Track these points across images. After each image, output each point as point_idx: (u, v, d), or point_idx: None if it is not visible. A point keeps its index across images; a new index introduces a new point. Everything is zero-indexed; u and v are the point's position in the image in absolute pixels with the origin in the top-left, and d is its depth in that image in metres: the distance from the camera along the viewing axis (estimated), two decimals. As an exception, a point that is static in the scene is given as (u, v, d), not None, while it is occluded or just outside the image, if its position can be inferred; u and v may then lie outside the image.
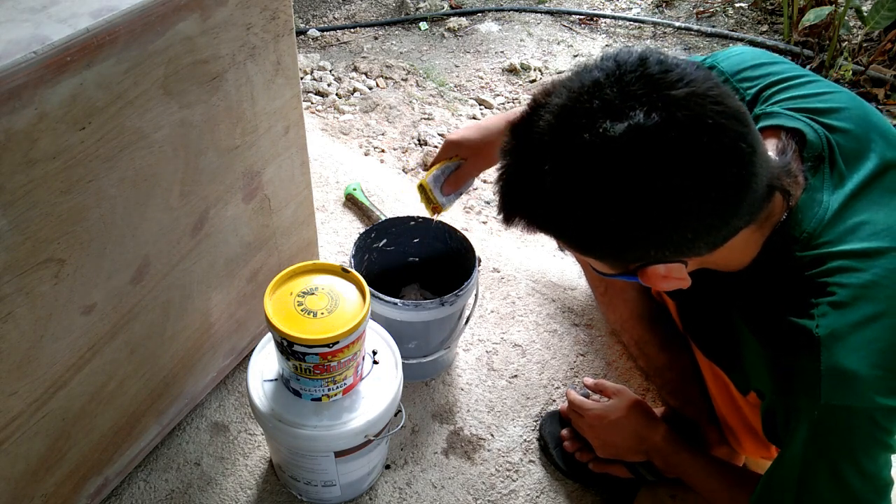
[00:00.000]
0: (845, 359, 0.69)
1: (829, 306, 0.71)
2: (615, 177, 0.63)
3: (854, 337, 0.70)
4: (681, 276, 0.73)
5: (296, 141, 1.13)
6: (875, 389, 0.69)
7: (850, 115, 0.80)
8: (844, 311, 0.71)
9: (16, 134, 0.69)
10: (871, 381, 0.69)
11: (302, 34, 2.46)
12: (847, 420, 0.71)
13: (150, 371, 1.04)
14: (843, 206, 0.75)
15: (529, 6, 2.62)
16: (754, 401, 0.90)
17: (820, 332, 0.71)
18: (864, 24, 2.05)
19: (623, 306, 1.09)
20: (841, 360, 0.69)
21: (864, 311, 0.70)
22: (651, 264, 0.71)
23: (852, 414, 0.70)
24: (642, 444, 1.07)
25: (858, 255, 0.72)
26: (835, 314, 0.71)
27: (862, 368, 0.69)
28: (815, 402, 0.71)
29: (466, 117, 2.11)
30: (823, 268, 0.73)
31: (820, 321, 0.71)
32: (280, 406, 0.98)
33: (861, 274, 0.71)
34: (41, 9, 0.74)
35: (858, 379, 0.69)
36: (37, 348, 0.83)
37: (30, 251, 0.76)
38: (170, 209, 0.94)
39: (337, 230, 1.62)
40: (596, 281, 1.05)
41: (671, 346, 1.12)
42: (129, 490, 1.13)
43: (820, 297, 0.72)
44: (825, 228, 0.74)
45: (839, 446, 0.72)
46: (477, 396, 1.29)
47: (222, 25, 0.88)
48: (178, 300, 1.03)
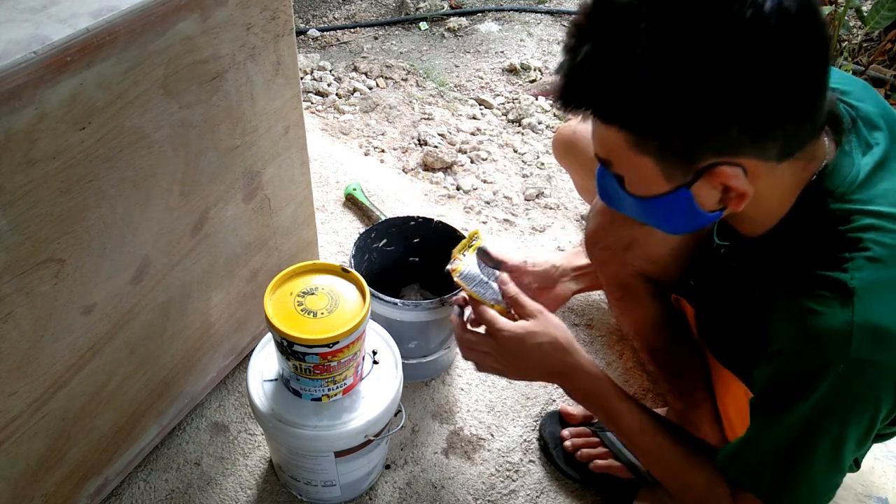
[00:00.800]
0: (880, 313, 0.67)
1: (864, 260, 0.68)
2: (719, 36, 0.60)
3: (890, 292, 0.67)
4: (740, 185, 0.68)
5: (296, 141, 1.13)
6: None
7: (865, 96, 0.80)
8: (880, 267, 0.68)
9: (16, 134, 0.69)
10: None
11: (302, 34, 2.46)
12: (872, 377, 0.67)
13: (150, 371, 1.04)
14: (873, 171, 0.73)
15: (529, 6, 2.62)
16: None
17: (855, 284, 0.68)
18: (864, 24, 2.05)
19: (640, 312, 1.06)
20: (875, 313, 0.67)
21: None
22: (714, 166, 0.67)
23: (879, 370, 0.67)
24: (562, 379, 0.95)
25: (892, 217, 0.70)
26: (871, 268, 0.68)
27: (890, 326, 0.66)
28: (843, 357, 0.67)
29: (466, 117, 2.11)
30: (858, 223, 0.70)
31: (855, 274, 0.68)
32: (280, 406, 0.98)
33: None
34: (41, 9, 0.74)
35: (892, 335, 0.66)
36: (37, 348, 0.83)
37: (30, 251, 0.76)
38: (170, 209, 0.94)
39: (337, 230, 1.62)
40: (613, 286, 1.03)
41: (684, 353, 1.10)
42: (129, 490, 1.13)
43: (854, 252, 0.69)
44: (858, 188, 0.72)
45: (855, 404, 0.69)
46: (477, 396, 1.29)
47: (222, 25, 0.88)
48: (178, 300, 1.03)
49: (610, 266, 0.98)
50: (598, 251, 0.98)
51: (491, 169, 1.91)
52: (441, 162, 1.88)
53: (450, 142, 1.99)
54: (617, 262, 0.96)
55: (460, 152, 1.95)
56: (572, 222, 1.75)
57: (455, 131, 2.04)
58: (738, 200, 0.70)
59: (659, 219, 0.78)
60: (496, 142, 2.02)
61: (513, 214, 1.76)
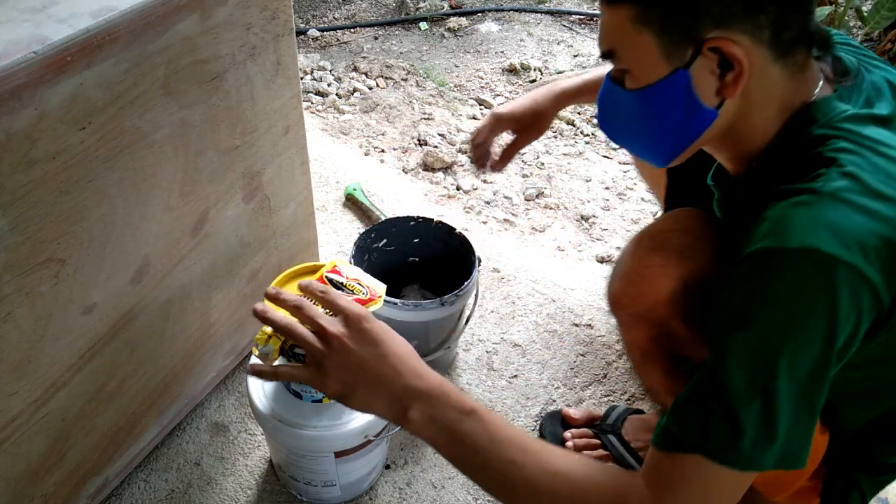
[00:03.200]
0: (846, 218, 0.63)
1: (837, 173, 0.65)
2: None
3: (860, 202, 0.63)
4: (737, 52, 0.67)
5: (296, 141, 1.13)
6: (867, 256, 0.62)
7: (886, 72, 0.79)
8: (851, 180, 0.65)
9: (16, 134, 0.69)
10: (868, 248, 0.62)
11: (302, 34, 2.46)
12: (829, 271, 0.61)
13: (150, 371, 1.04)
14: (865, 117, 0.71)
15: (529, 6, 2.62)
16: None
17: (824, 189, 0.65)
18: (864, 24, 2.05)
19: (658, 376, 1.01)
20: (840, 219, 0.63)
21: (873, 185, 0.64)
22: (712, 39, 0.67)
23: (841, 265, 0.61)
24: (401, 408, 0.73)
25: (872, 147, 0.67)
26: (842, 179, 0.65)
27: (862, 233, 0.62)
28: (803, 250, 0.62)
29: (466, 117, 2.11)
30: (837, 145, 0.68)
31: (826, 183, 0.65)
32: (280, 406, 0.98)
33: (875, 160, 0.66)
34: (41, 9, 0.74)
35: (856, 239, 0.62)
36: (37, 348, 0.83)
37: (30, 251, 0.76)
38: (170, 209, 0.94)
39: (337, 230, 1.62)
40: (633, 348, 1.00)
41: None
42: (129, 490, 1.13)
43: (829, 168, 0.66)
44: (845, 119, 0.70)
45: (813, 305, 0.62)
46: (477, 396, 1.29)
47: (222, 25, 0.88)
48: (178, 300, 1.03)
49: (634, 331, 0.97)
50: (620, 314, 0.97)
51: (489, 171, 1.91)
52: (441, 162, 1.88)
53: (450, 142, 1.99)
54: (643, 329, 0.94)
55: (460, 152, 1.95)
56: (572, 222, 1.75)
57: (455, 131, 2.04)
58: (734, 83, 0.69)
59: (657, 115, 0.75)
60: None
61: (513, 214, 1.76)
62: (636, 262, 0.93)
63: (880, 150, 0.68)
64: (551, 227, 1.73)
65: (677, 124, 0.75)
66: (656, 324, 0.92)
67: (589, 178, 1.90)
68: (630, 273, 0.93)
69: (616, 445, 1.14)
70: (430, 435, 0.72)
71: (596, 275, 1.56)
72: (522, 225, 1.73)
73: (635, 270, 0.92)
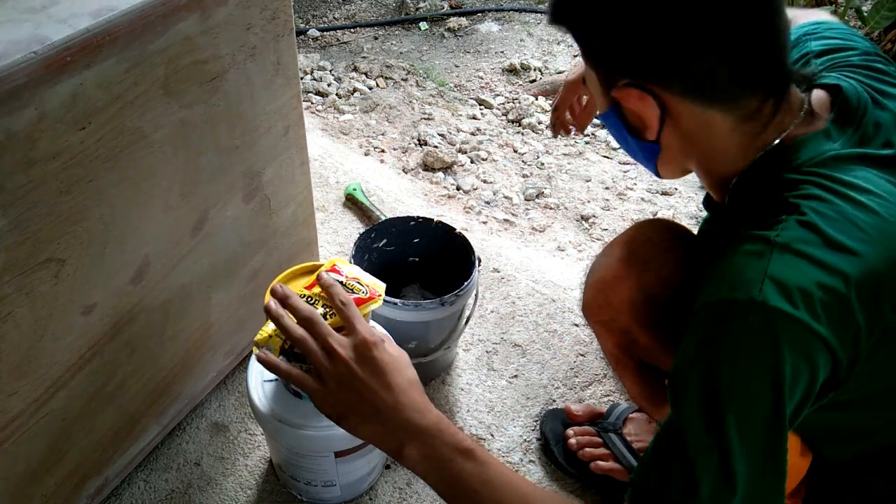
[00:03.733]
0: (793, 273, 0.62)
1: (796, 222, 0.65)
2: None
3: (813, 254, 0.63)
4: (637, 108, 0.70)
5: (296, 141, 1.13)
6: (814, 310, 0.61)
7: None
8: (809, 230, 0.64)
9: (16, 134, 0.69)
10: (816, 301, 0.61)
11: (302, 34, 2.46)
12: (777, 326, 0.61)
13: (150, 371, 1.04)
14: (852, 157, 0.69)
15: (529, 6, 2.62)
16: None
17: (778, 240, 0.64)
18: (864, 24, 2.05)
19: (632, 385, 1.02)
20: (788, 272, 0.62)
21: (831, 235, 0.63)
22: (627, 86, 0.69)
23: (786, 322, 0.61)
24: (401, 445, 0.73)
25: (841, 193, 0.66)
26: (799, 229, 0.64)
27: (811, 287, 0.61)
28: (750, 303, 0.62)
29: (466, 117, 2.11)
30: (804, 191, 0.67)
31: (782, 231, 0.65)
32: (280, 406, 0.98)
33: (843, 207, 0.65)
34: (41, 9, 0.74)
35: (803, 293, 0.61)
36: (37, 348, 0.83)
37: (30, 251, 0.76)
38: (170, 209, 0.94)
39: (337, 230, 1.62)
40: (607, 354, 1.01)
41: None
42: (129, 490, 1.13)
43: (791, 215, 0.66)
44: (822, 163, 0.69)
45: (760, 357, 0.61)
46: (477, 396, 1.29)
47: (222, 25, 0.88)
48: (178, 300, 1.03)
49: (603, 338, 0.98)
50: (592, 323, 0.98)
51: (491, 169, 1.91)
52: (441, 162, 1.88)
53: (450, 142, 2.00)
54: (610, 337, 0.95)
55: (460, 152, 1.96)
56: (572, 222, 1.75)
57: (455, 131, 2.04)
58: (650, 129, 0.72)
59: (618, 138, 0.79)
60: (496, 142, 2.02)
61: (513, 214, 1.76)
62: (602, 271, 0.93)
63: (852, 195, 0.66)
64: (551, 227, 1.73)
65: (633, 150, 0.78)
66: (622, 332, 0.93)
67: (589, 178, 1.90)
68: (597, 282, 0.94)
69: (617, 444, 1.14)
70: (423, 471, 0.71)
71: (596, 275, 1.56)
72: (522, 225, 1.73)
73: (601, 279, 0.93)
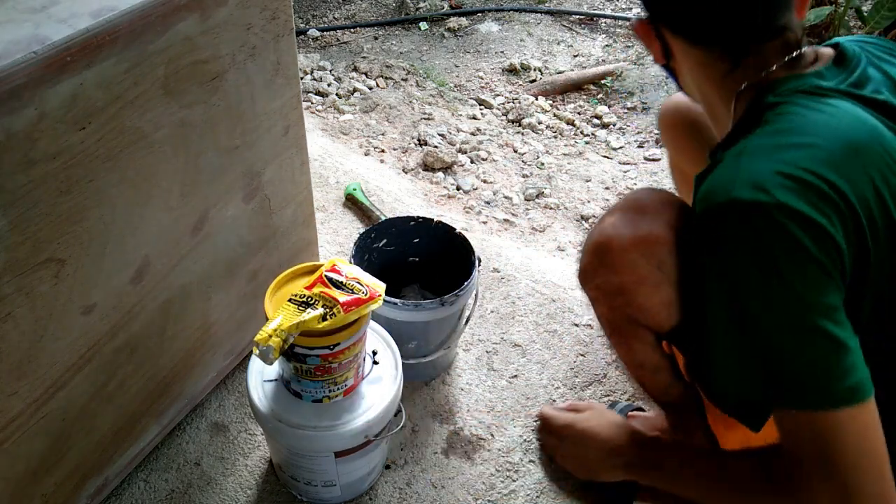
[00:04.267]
0: (759, 163, 0.71)
1: (763, 130, 0.74)
2: None
3: (775, 152, 0.72)
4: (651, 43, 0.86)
5: (296, 141, 1.13)
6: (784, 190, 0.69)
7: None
8: (774, 134, 0.73)
9: (16, 134, 0.69)
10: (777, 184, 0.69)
11: (302, 34, 2.46)
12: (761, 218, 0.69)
13: (150, 371, 1.04)
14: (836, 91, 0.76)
15: (529, 6, 2.62)
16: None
17: (745, 144, 0.74)
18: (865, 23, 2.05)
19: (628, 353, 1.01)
20: (755, 164, 0.71)
21: (792, 139, 0.72)
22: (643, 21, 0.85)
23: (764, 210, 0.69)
24: (617, 456, 1.01)
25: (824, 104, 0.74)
26: (765, 135, 0.74)
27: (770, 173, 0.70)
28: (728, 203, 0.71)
29: (466, 117, 2.11)
30: (780, 110, 0.76)
31: (751, 138, 0.74)
32: (280, 406, 0.98)
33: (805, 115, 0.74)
34: (41, 9, 0.74)
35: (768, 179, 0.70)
36: (37, 348, 0.83)
37: (30, 251, 0.76)
38: (170, 209, 0.94)
39: (337, 230, 1.62)
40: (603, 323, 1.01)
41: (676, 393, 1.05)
42: (129, 490, 1.13)
43: (763, 127, 0.75)
44: (804, 90, 0.77)
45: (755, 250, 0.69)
46: (477, 396, 1.29)
47: (222, 25, 0.88)
48: (178, 300, 1.03)
49: (600, 305, 0.97)
50: (588, 289, 0.97)
51: (491, 169, 1.91)
52: (441, 162, 1.88)
53: (450, 142, 2.00)
54: (606, 303, 0.95)
55: (460, 152, 1.96)
56: (572, 222, 1.75)
57: (455, 131, 2.04)
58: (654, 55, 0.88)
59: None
60: (496, 142, 2.02)
61: (513, 214, 1.76)
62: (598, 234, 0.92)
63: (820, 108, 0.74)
64: (551, 227, 1.73)
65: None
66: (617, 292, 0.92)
67: (589, 178, 1.90)
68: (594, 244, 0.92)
69: None
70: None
71: (596, 275, 1.56)
72: (522, 225, 1.73)
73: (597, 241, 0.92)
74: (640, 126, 2.14)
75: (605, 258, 0.89)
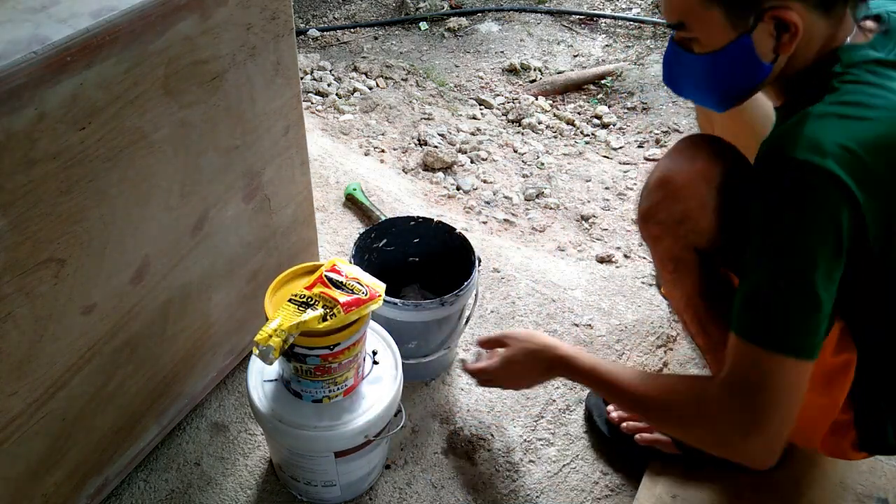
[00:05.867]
0: (822, 129, 0.76)
1: (832, 97, 0.78)
2: None
3: (839, 122, 0.77)
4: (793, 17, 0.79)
5: (296, 141, 1.13)
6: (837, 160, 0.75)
7: None
8: (841, 105, 0.78)
9: (16, 134, 0.69)
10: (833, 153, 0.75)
11: (302, 34, 2.46)
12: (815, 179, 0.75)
13: (150, 371, 1.04)
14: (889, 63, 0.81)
15: (529, 6, 2.62)
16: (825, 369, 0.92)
17: (811, 111, 0.78)
18: None
19: (690, 285, 1.10)
20: (819, 129, 0.76)
21: (857, 112, 0.77)
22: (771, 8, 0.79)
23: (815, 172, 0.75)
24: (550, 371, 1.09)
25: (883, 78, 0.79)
26: (833, 104, 0.78)
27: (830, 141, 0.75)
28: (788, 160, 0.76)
29: (466, 117, 2.11)
30: (846, 77, 0.80)
31: (819, 105, 0.79)
32: (280, 406, 0.98)
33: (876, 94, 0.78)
34: (41, 9, 0.74)
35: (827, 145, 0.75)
36: (37, 348, 0.83)
37: (30, 251, 0.76)
38: (170, 209, 0.94)
39: (337, 230, 1.62)
40: (666, 260, 1.07)
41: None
42: (129, 490, 1.13)
43: (832, 95, 0.79)
44: (867, 62, 0.81)
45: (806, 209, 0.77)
46: (477, 396, 1.29)
47: (222, 25, 0.88)
48: (178, 300, 1.03)
49: (663, 241, 1.02)
50: (652, 227, 1.02)
51: (491, 169, 1.91)
52: (441, 162, 1.88)
53: (450, 142, 2.00)
54: (670, 236, 1.00)
55: (460, 152, 1.96)
56: (572, 222, 1.75)
57: (455, 131, 2.04)
58: (789, 43, 0.81)
59: (724, 75, 0.89)
60: (496, 142, 2.02)
61: (513, 214, 1.76)
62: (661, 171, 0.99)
63: (886, 84, 0.79)
64: (551, 227, 1.73)
65: (741, 79, 0.88)
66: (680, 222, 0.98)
67: (589, 178, 1.90)
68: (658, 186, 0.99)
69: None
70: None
71: (596, 275, 1.56)
72: (522, 225, 1.73)
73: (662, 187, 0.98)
74: (640, 126, 2.14)
75: (669, 189, 0.97)
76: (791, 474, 1.11)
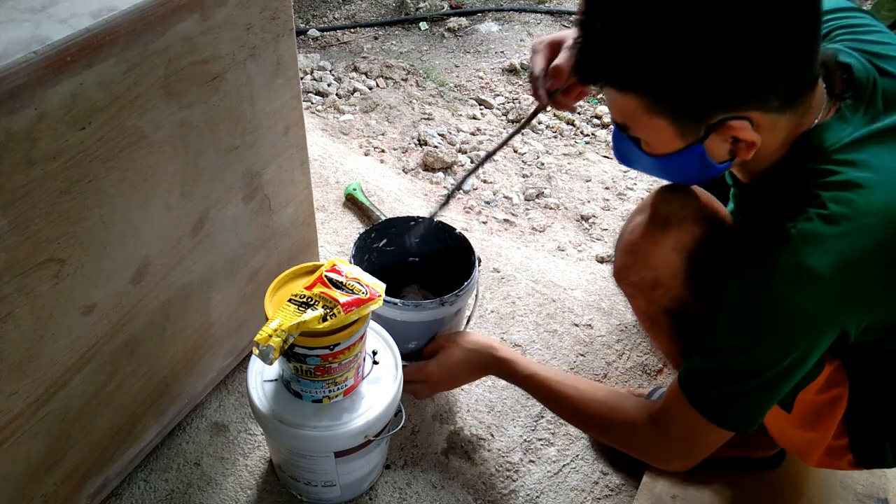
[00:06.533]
0: (810, 257, 0.72)
1: (816, 216, 0.73)
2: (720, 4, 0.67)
3: (825, 244, 0.72)
4: (748, 136, 0.74)
5: (296, 141, 1.13)
6: (830, 296, 0.73)
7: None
8: (824, 224, 0.73)
9: (16, 134, 0.69)
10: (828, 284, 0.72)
11: (302, 34, 2.46)
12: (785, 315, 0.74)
13: (150, 371, 1.04)
14: (864, 139, 0.76)
15: (529, 6, 2.62)
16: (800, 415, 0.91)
17: (793, 232, 0.73)
18: (864, 24, 2.05)
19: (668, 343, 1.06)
20: (805, 257, 0.72)
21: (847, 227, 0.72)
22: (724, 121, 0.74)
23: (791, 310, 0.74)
24: (484, 371, 1.15)
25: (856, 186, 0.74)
26: (817, 222, 0.73)
27: (823, 268, 0.72)
28: (766, 294, 0.74)
29: (466, 117, 2.11)
30: (828, 179, 0.75)
31: (799, 224, 0.74)
32: (280, 406, 0.98)
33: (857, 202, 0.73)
34: (41, 9, 0.74)
35: (817, 278, 0.72)
36: (37, 348, 0.83)
37: (30, 251, 0.76)
38: (170, 209, 0.94)
39: (337, 230, 1.62)
40: (641, 316, 1.04)
41: None
42: (129, 490, 1.13)
43: (813, 208, 0.74)
44: (843, 149, 0.76)
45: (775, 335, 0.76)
46: (477, 396, 1.29)
47: (222, 25, 0.88)
48: (178, 300, 1.03)
49: (637, 300, 1.01)
50: (625, 286, 1.00)
51: (491, 169, 1.91)
52: (441, 162, 1.88)
53: (450, 142, 2.00)
54: (643, 298, 0.98)
55: (460, 152, 1.96)
56: (572, 222, 1.75)
57: (455, 131, 2.04)
58: (746, 150, 0.76)
59: (675, 173, 0.86)
60: (496, 142, 2.02)
61: (513, 214, 1.76)
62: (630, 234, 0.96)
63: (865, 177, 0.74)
64: (551, 227, 1.73)
65: (692, 177, 0.86)
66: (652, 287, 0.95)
67: (589, 178, 1.90)
68: (627, 244, 0.96)
69: None
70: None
71: (596, 275, 1.56)
72: (522, 225, 1.73)
73: (633, 250, 0.95)
74: (640, 126, 2.13)
75: (639, 257, 0.93)
76: (791, 474, 1.11)
